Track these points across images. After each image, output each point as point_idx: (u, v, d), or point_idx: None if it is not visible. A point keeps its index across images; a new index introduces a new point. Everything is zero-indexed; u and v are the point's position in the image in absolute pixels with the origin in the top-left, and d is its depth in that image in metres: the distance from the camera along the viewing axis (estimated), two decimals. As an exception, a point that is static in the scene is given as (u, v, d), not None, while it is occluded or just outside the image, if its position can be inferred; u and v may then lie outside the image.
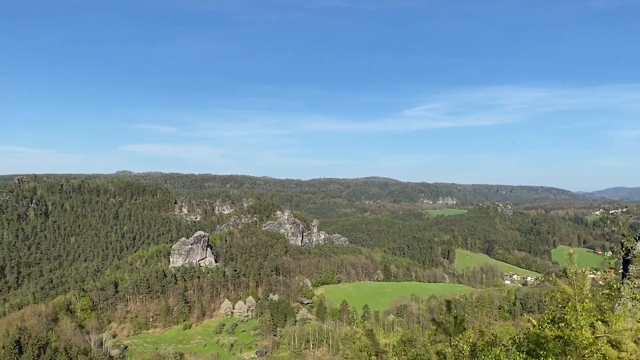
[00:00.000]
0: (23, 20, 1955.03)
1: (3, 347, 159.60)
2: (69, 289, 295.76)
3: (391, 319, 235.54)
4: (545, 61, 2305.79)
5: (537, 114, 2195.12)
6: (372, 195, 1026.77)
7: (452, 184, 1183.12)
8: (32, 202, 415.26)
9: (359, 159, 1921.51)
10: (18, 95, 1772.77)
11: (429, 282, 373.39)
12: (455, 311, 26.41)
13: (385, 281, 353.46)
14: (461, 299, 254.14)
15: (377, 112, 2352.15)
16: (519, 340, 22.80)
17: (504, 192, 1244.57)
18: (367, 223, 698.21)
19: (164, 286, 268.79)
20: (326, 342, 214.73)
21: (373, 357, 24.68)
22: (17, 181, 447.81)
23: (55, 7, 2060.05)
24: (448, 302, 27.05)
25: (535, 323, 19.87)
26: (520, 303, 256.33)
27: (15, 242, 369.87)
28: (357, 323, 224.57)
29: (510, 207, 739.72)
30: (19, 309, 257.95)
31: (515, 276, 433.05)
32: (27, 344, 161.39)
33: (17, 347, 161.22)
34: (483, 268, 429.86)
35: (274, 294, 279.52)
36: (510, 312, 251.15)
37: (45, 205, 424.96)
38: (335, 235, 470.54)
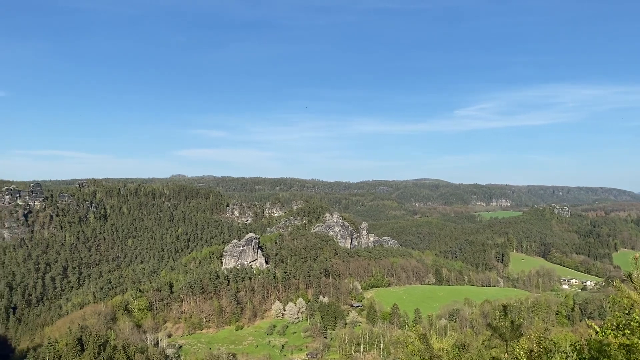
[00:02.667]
0: (79, 30, 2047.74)
1: (66, 345, 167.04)
2: (126, 289, 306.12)
3: (443, 323, 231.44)
4: (603, 57, 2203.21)
5: (595, 112, 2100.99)
6: (422, 197, 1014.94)
7: (506, 185, 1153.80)
8: (92, 206, 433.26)
9: (408, 160, 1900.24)
10: (78, 104, 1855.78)
11: (483, 286, 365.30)
12: (511, 316, 25.67)
13: (437, 285, 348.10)
14: (516, 304, 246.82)
15: (427, 113, 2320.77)
16: (580, 347, 21.95)
17: (560, 193, 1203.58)
18: (417, 226, 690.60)
19: (216, 287, 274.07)
20: (377, 345, 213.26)
21: (426, 361, 24.30)
22: (78, 185, 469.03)
23: (109, 17, 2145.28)
24: (504, 307, 26.33)
25: (597, 329, 19.05)
26: (580, 308, 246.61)
27: (76, 244, 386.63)
28: (409, 327, 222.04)
29: (567, 208, 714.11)
30: (80, 308, 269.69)
31: (573, 280, 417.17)
32: (88, 342, 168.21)
33: (79, 344, 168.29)
34: (539, 272, 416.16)
35: (323, 296, 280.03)
36: (569, 318, 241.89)
37: (104, 208, 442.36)
38: (385, 237, 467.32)
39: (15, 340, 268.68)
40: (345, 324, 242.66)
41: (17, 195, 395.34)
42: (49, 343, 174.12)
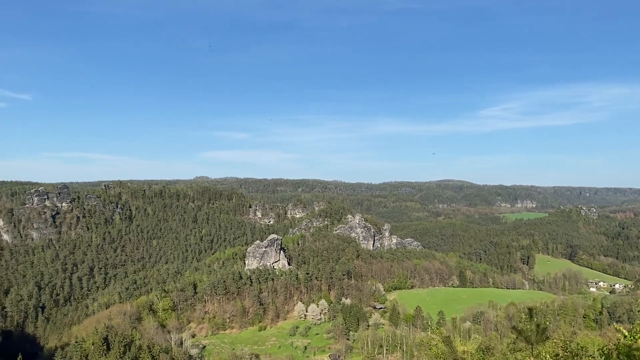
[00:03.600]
0: (103, 34, 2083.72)
1: (93, 344, 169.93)
2: (151, 289, 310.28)
3: (467, 326, 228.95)
4: (629, 55, 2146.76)
5: (622, 110, 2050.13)
6: (446, 199, 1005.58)
7: (531, 186, 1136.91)
8: (117, 207, 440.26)
9: (432, 161, 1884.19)
10: (104, 106, 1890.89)
11: (508, 288, 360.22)
12: (537, 319, 25.28)
13: (461, 287, 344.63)
14: (542, 307, 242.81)
15: (450, 113, 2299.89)
16: (608, 352, 21.52)
17: (587, 194, 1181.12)
18: (440, 227, 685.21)
19: (239, 288, 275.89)
20: (400, 347, 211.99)
21: (450, 364, 24.07)
22: (104, 187, 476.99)
23: (132, 21, 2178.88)
24: (530, 310, 25.95)
25: (626, 334, 18.66)
26: (608, 312, 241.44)
27: (102, 245, 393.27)
28: (432, 329, 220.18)
29: (594, 210, 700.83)
30: (106, 307, 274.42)
31: (601, 283, 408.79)
32: (114, 341, 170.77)
33: (105, 344, 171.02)
34: (565, 274, 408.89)
35: (346, 298, 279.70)
36: (597, 322, 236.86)
37: (130, 209, 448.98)
38: (408, 239, 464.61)
39: (44, 338, 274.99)
40: (368, 325, 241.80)
41: (45, 196, 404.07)
42: (76, 342, 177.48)
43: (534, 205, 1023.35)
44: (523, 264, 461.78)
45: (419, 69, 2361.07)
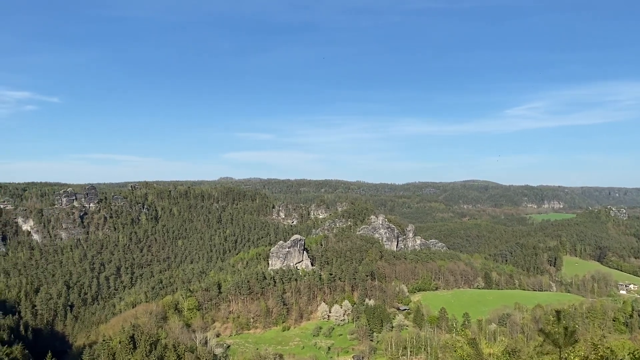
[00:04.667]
0: (129, 38, 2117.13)
1: (120, 342, 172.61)
2: (176, 289, 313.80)
3: (493, 328, 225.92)
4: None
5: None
6: (471, 199, 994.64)
7: (559, 186, 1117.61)
8: (143, 207, 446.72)
9: (456, 161, 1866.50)
10: (130, 109, 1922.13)
11: (534, 290, 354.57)
12: (565, 322, 24.75)
13: (486, 289, 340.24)
14: (570, 309, 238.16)
15: (475, 113, 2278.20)
16: (639, 356, 20.94)
17: (616, 194, 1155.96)
18: (465, 228, 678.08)
19: (263, 288, 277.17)
20: (424, 349, 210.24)
21: (475, 366, 23.73)
22: (130, 188, 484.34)
23: (159, 26, 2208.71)
24: (558, 312, 25.42)
25: (659, 337, 18.10)
26: (638, 315, 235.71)
27: (129, 245, 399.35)
28: (457, 331, 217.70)
29: (624, 210, 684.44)
30: (132, 307, 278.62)
31: (632, 286, 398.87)
32: (140, 340, 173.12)
33: (132, 342, 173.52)
34: (594, 276, 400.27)
35: (369, 299, 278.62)
36: (627, 325, 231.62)
37: (156, 210, 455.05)
38: (432, 240, 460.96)
39: (73, 336, 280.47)
40: (392, 327, 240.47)
41: (74, 197, 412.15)
42: (103, 340, 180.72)
43: (562, 206, 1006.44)
44: (550, 265, 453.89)
45: (442, 69, 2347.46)
